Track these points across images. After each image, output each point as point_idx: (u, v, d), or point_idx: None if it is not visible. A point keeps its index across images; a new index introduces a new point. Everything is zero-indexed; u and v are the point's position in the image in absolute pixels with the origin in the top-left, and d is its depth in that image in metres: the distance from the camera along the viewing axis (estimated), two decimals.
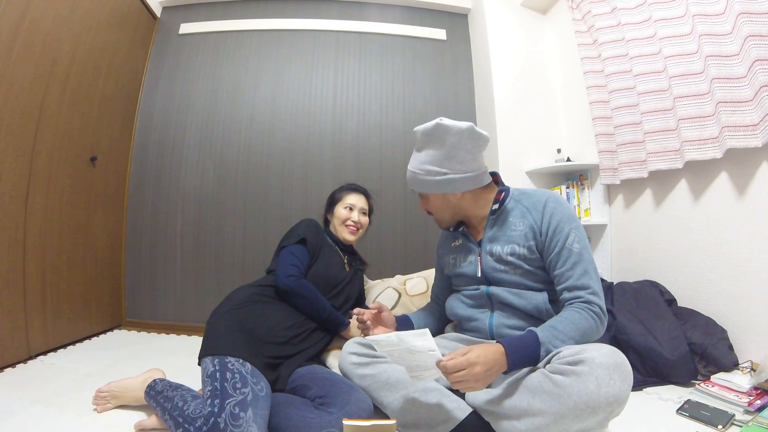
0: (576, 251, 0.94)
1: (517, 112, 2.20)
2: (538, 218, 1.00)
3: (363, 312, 1.09)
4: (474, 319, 1.07)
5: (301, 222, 1.41)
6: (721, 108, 1.26)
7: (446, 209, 1.10)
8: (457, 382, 0.77)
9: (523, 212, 1.04)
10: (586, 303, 0.90)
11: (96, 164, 1.97)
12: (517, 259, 1.00)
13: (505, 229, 1.05)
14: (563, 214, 0.99)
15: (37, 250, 1.62)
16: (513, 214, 1.05)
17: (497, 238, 1.05)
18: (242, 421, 0.81)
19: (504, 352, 0.81)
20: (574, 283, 0.92)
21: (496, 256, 1.03)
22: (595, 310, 0.90)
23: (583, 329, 0.87)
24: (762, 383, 1.05)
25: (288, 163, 2.32)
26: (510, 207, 1.07)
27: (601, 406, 0.72)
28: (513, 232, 1.03)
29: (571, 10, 2.03)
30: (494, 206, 1.06)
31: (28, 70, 1.55)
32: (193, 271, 2.22)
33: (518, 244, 1.01)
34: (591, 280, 0.93)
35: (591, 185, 2.01)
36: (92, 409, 1.09)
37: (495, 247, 1.04)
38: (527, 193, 1.08)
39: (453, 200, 1.07)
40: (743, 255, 1.29)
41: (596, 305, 0.90)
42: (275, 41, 2.45)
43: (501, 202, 1.06)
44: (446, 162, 1.03)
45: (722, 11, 1.30)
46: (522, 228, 1.02)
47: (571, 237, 0.96)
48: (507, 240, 1.03)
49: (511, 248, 1.01)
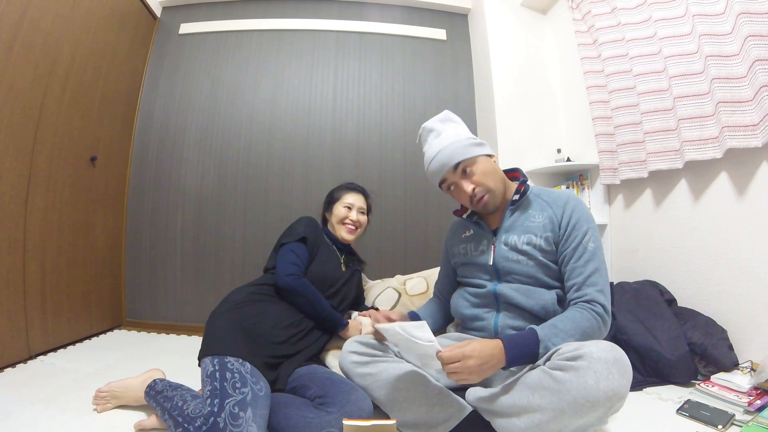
0: (590, 249, 0.96)
1: (517, 112, 2.20)
2: (558, 212, 1.02)
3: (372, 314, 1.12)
4: (479, 319, 1.07)
5: (301, 219, 1.41)
6: (721, 108, 1.26)
7: (494, 173, 1.07)
8: (452, 373, 0.79)
9: (543, 206, 1.06)
10: (590, 302, 0.91)
11: (96, 164, 1.98)
12: (532, 248, 1.01)
13: (523, 219, 1.06)
14: (583, 212, 1.02)
15: (37, 250, 1.62)
16: (533, 206, 1.07)
17: (514, 228, 1.06)
18: (242, 420, 0.81)
19: (502, 348, 0.82)
20: (584, 279, 0.94)
21: (511, 245, 1.04)
22: (598, 311, 0.90)
23: (584, 328, 0.88)
24: (762, 383, 1.05)
25: (288, 163, 2.32)
26: (530, 199, 1.09)
27: (600, 400, 0.72)
28: (531, 223, 1.04)
29: (571, 10, 2.03)
30: (515, 196, 1.08)
31: (28, 70, 1.55)
32: (193, 271, 2.22)
33: (535, 234, 1.02)
34: (600, 278, 0.94)
35: (591, 185, 2.01)
36: (92, 409, 1.09)
37: (511, 237, 1.05)
38: (547, 191, 1.11)
39: (495, 165, 1.10)
40: (743, 255, 1.29)
41: (600, 305, 0.91)
42: (275, 41, 2.45)
43: (522, 193, 1.07)
44: (470, 133, 1.10)
45: (722, 11, 1.30)
46: (540, 220, 1.03)
47: (588, 235, 0.98)
48: (524, 230, 1.04)
49: (527, 238, 1.03)
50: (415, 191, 2.34)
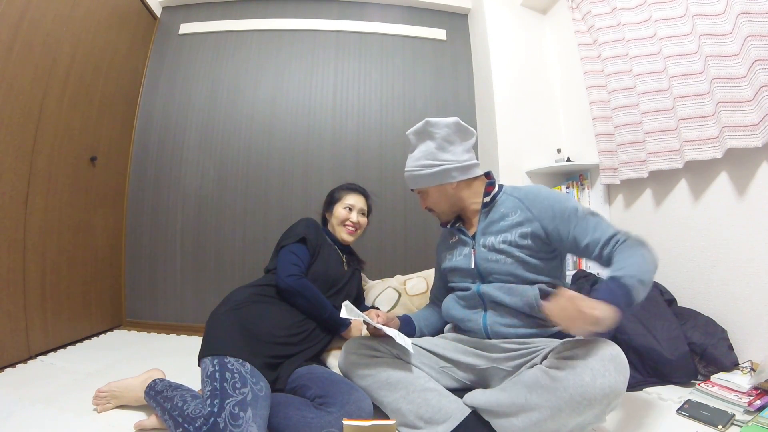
0: (588, 215, 1.00)
1: (517, 112, 2.19)
2: (534, 208, 1.04)
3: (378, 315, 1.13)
4: (468, 320, 1.08)
5: (300, 221, 1.41)
6: (721, 108, 1.26)
7: (444, 201, 1.14)
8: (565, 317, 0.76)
9: (515, 203, 1.07)
10: (624, 241, 0.93)
11: (96, 164, 1.98)
12: (508, 246, 1.03)
13: (496, 220, 1.08)
14: (557, 197, 1.05)
15: (37, 250, 1.62)
16: (505, 205, 1.09)
17: (490, 229, 1.08)
18: (242, 421, 0.82)
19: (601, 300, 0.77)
20: (606, 236, 0.95)
21: (488, 246, 1.06)
22: (633, 239, 0.93)
23: (638, 251, 0.89)
24: (762, 383, 1.05)
25: (288, 163, 2.32)
26: (502, 200, 1.10)
27: (597, 398, 0.72)
28: (504, 222, 1.06)
29: (571, 10, 2.03)
30: (485, 199, 1.10)
31: (28, 70, 1.55)
32: (193, 271, 2.22)
33: (510, 232, 1.04)
34: (613, 228, 0.97)
35: (591, 185, 2.01)
36: (92, 409, 1.09)
37: (488, 239, 1.07)
38: (518, 187, 1.13)
39: (450, 191, 1.12)
40: (743, 255, 1.28)
41: (633, 237, 0.93)
42: (275, 41, 2.45)
43: (492, 195, 1.10)
44: (439, 153, 1.10)
45: (722, 11, 1.29)
46: (514, 217, 1.05)
47: (580, 209, 1.01)
48: (498, 230, 1.06)
49: (503, 237, 1.04)
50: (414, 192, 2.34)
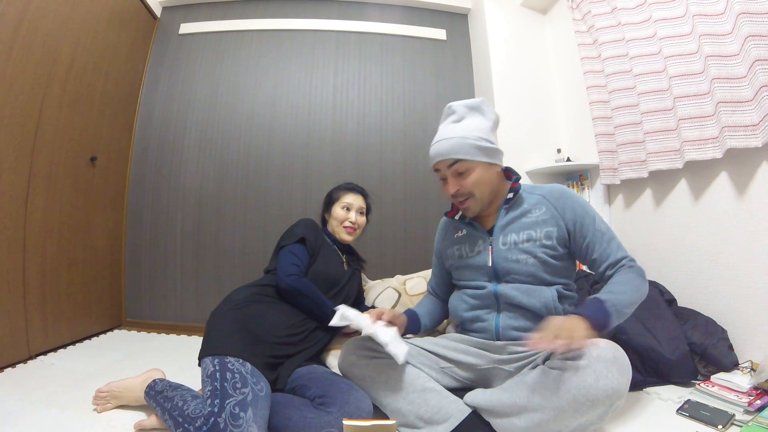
0: (604, 230, 1.00)
1: (517, 112, 2.19)
2: (559, 206, 1.03)
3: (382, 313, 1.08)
4: (480, 320, 1.05)
5: (299, 222, 1.41)
6: (721, 108, 1.26)
7: (488, 183, 1.04)
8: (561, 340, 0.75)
9: (538, 199, 1.06)
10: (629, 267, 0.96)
11: (96, 164, 1.98)
12: (533, 245, 1.00)
13: (519, 216, 1.05)
14: (579, 201, 1.04)
15: (37, 250, 1.62)
16: (528, 201, 1.06)
17: (511, 226, 1.05)
18: (242, 421, 0.81)
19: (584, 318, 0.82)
20: (615, 257, 0.98)
21: (509, 244, 1.03)
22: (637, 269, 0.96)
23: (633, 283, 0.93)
24: (762, 383, 1.05)
25: (288, 163, 2.32)
26: (524, 196, 1.08)
27: (600, 399, 0.72)
28: (528, 219, 1.03)
29: (571, 10, 2.03)
30: (509, 195, 1.07)
31: (28, 70, 1.55)
32: (193, 271, 2.22)
33: (534, 230, 1.02)
34: (624, 250, 1.00)
35: (591, 185, 2.01)
36: (92, 409, 1.09)
37: (509, 236, 1.04)
38: (539, 186, 1.11)
39: (495, 174, 1.06)
40: (743, 255, 1.28)
41: (637, 266, 0.97)
42: (275, 41, 2.45)
43: (516, 191, 1.06)
44: (492, 135, 1.05)
45: (722, 11, 1.29)
46: (538, 214, 1.03)
47: (597, 220, 1.01)
48: (521, 227, 1.03)
49: (527, 234, 1.02)
50: (415, 191, 2.34)
